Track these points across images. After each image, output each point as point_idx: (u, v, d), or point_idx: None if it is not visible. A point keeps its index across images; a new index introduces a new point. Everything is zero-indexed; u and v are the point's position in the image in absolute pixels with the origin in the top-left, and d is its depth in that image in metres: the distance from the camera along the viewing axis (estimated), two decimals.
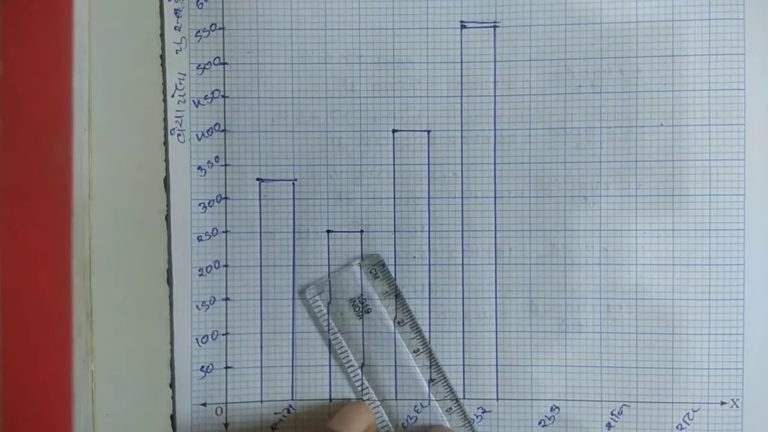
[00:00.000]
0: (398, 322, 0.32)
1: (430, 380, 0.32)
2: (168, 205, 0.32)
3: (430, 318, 0.32)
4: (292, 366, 0.32)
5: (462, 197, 0.32)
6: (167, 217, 0.32)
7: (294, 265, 0.32)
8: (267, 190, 0.32)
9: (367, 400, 0.32)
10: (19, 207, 0.30)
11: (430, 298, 0.32)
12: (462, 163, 0.32)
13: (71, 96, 0.31)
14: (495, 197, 0.32)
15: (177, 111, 0.32)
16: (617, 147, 0.32)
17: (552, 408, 0.32)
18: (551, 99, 0.32)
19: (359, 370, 0.32)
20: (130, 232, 0.32)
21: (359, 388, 0.32)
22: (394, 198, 0.32)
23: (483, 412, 0.32)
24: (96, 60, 0.32)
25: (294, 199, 0.32)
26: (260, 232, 0.32)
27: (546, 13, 0.32)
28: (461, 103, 0.32)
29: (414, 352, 0.32)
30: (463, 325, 0.32)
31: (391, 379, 0.32)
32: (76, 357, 0.30)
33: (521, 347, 0.32)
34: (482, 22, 0.32)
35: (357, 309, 0.32)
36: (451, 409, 0.32)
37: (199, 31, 0.32)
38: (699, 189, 0.32)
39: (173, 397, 0.32)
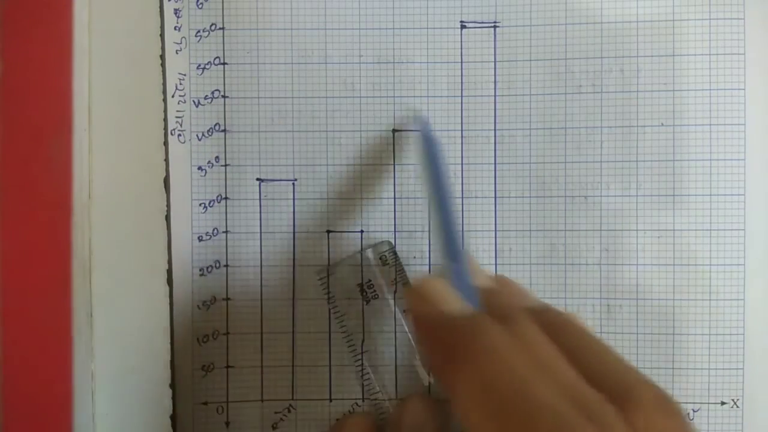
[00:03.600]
0: (404, 311, 0.32)
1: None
2: (168, 205, 0.32)
3: None
4: (293, 366, 0.33)
5: (462, 197, 0.32)
6: (167, 217, 0.32)
7: (294, 265, 0.32)
8: (267, 190, 0.32)
9: (367, 387, 0.32)
10: (19, 207, 0.30)
11: None
12: (462, 163, 0.32)
13: (71, 96, 0.30)
14: (495, 197, 0.32)
15: (177, 111, 0.32)
16: (618, 147, 0.32)
17: None
18: (551, 99, 0.32)
19: (361, 356, 0.32)
20: (130, 232, 0.32)
21: (360, 374, 0.32)
22: (394, 198, 0.32)
23: None
24: (96, 60, 0.32)
25: (294, 199, 0.32)
26: (260, 232, 0.32)
27: (546, 13, 0.32)
28: (461, 103, 0.32)
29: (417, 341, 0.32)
30: None
31: (392, 368, 0.32)
32: (76, 357, 0.30)
33: None
34: (482, 22, 0.32)
35: (364, 294, 0.32)
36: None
37: (199, 31, 0.32)
38: (699, 189, 0.32)
39: (174, 397, 0.32)
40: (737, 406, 0.32)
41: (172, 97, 0.32)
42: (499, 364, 0.22)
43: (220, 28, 0.32)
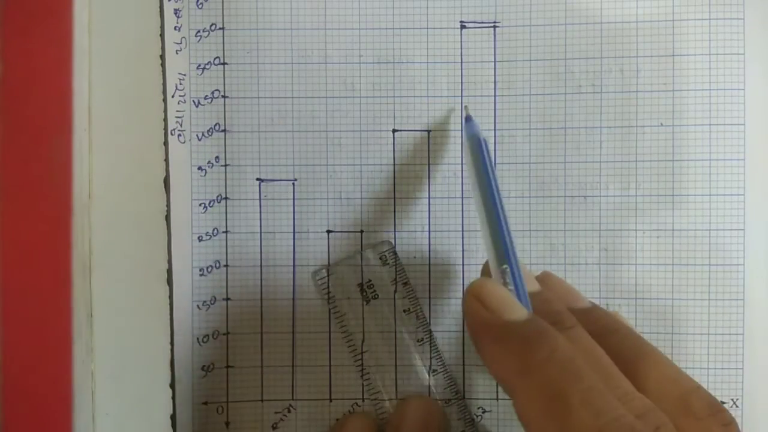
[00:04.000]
0: (404, 311, 0.32)
1: (432, 370, 0.32)
2: (168, 205, 0.32)
3: (430, 318, 0.32)
4: (293, 366, 0.33)
5: (462, 197, 0.32)
6: (167, 217, 0.32)
7: (294, 265, 0.32)
8: (267, 190, 0.32)
9: (367, 387, 0.32)
10: (19, 207, 0.30)
11: (430, 297, 0.32)
12: (462, 163, 0.32)
13: (71, 96, 0.30)
14: None
15: (177, 111, 0.32)
16: (617, 147, 0.32)
17: None
18: (551, 99, 0.32)
19: (361, 356, 0.32)
20: (130, 232, 0.32)
21: (360, 374, 0.32)
22: (394, 198, 0.32)
23: (483, 412, 0.32)
24: (96, 60, 0.32)
25: (294, 199, 0.32)
26: (260, 232, 0.32)
27: (546, 13, 0.32)
28: (461, 103, 0.32)
29: (418, 341, 0.32)
30: (463, 325, 0.32)
31: (392, 368, 0.32)
32: (76, 357, 0.30)
33: None
34: (482, 22, 0.32)
35: (364, 294, 0.32)
36: (450, 401, 0.32)
37: (199, 31, 0.32)
38: (699, 189, 0.32)
39: (173, 397, 0.32)
40: (737, 406, 0.32)
41: (172, 97, 0.32)
42: (567, 373, 0.22)
43: (220, 28, 0.32)
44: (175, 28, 0.32)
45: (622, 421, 0.20)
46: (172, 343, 0.32)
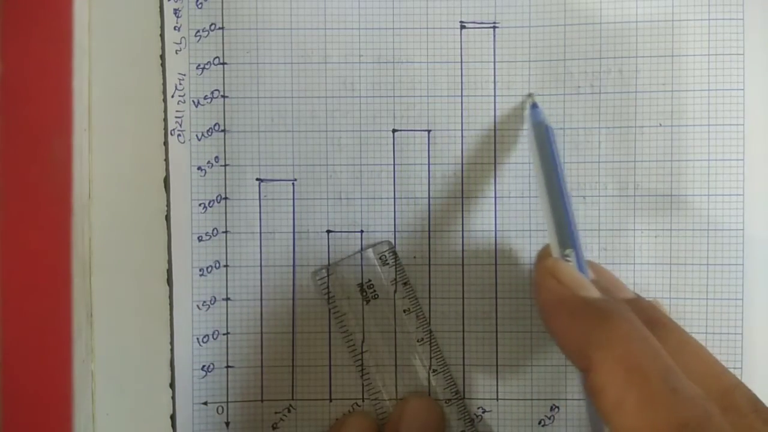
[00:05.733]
0: (404, 311, 0.32)
1: (432, 370, 0.32)
2: (168, 205, 0.32)
3: (430, 318, 0.32)
4: (293, 366, 0.33)
5: (462, 197, 0.32)
6: (167, 217, 0.32)
7: (294, 265, 0.32)
8: (267, 190, 0.32)
9: (367, 387, 0.32)
10: (19, 207, 0.30)
11: (430, 298, 0.32)
12: (462, 163, 0.32)
13: (71, 96, 0.30)
14: (495, 197, 0.32)
15: (177, 111, 0.32)
16: (616, 147, 0.32)
17: (552, 408, 0.32)
18: (550, 99, 0.32)
19: (361, 356, 0.32)
20: (130, 232, 0.32)
21: (360, 374, 0.32)
22: (394, 198, 0.32)
23: (483, 412, 0.32)
24: (96, 60, 0.32)
25: (294, 199, 0.32)
26: (260, 232, 0.32)
27: (545, 13, 0.32)
28: (461, 103, 0.32)
29: (418, 341, 0.32)
30: (463, 325, 0.32)
31: (392, 368, 0.32)
32: (76, 357, 0.30)
33: (521, 347, 0.32)
34: (482, 23, 0.32)
35: (364, 294, 0.32)
36: (450, 401, 0.32)
37: (198, 31, 0.32)
38: (698, 189, 0.32)
39: (173, 397, 0.32)
40: None
41: (172, 97, 0.32)
42: (646, 350, 0.23)
43: (219, 28, 0.32)
44: (175, 28, 0.32)
45: (696, 401, 0.21)
46: (172, 343, 0.32)
